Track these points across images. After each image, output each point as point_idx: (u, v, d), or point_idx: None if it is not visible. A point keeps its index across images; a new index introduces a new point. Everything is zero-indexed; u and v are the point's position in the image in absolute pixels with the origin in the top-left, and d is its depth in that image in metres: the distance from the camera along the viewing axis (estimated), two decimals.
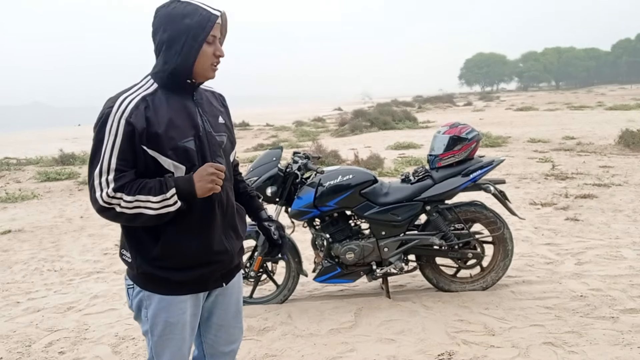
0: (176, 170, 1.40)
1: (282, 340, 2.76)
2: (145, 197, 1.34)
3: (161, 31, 1.40)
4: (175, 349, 1.49)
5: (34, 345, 2.89)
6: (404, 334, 2.76)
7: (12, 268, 4.43)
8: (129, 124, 1.33)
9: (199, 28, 1.38)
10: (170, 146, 1.37)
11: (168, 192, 1.35)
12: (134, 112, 1.34)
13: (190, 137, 1.41)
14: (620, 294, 3.13)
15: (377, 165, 8.36)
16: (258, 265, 3.22)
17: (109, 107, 1.35)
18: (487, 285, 3.33)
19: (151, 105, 1.37)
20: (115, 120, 1.33)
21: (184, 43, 1.38)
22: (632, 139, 9.60)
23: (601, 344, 2.54)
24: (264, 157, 3.26)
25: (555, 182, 6.83)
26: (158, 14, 1.41)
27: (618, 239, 4.24)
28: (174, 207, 1.37)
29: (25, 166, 12.16)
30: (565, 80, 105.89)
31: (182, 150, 1.39)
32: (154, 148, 1.36)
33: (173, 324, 1.46)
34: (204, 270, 1.48)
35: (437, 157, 3.27)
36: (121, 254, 1.51)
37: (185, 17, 1.38)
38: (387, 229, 3.20)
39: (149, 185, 1.35)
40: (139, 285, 1.47)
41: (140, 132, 1.34)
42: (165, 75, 1.41)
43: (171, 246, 1.41)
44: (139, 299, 1.48)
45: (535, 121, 17.26)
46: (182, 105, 1.43)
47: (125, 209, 1.34)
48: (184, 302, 1.47)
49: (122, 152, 1.33)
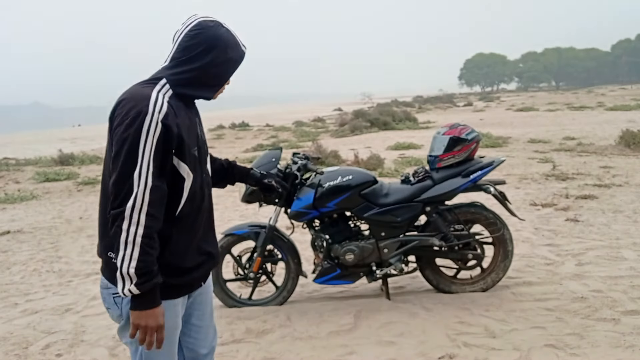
0: (187, 177, 1.43)
1: (281, 342, 2.75)
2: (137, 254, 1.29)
3: (202, 50, 1.41)
4: (166, 353, 1.49)
5: (31, 348, 2.88)
6: (404, 336, 2.74)
7: (11, 269, 4.41)
8: (165, 126, 1.33)
9: (234, 64, 1.49)
10: (188, 153, 1.42)
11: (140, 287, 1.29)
12: (169, 115, 1.35)
13: (196, 146, 1.47)
14: (621, 296, 3.11)
15: (377, 166, 8.34)
16: (257, 267, 3.20)
17: (144, 104, 1.32)
18: (487, 287, 3.31)
19: (175, 110, 1.39)
20: (153, 120, 1.32)
21: (220, 73, 1.46)
22: (632, 139, 9.59)
23: (603, 346, 2.52)
24: (264, 157, 3.24)
25: (556, 182, 6.82)
26: (206, 33, 1.42)
27: (618, 240, 4.22)
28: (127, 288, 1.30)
29: (24, 167, 12.16)
30: (565, 80, 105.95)
31: (193, 158, 1.44)
32: (178, 155, 1.39)
33: (167, 328, 1.44)
34: (197, 273, 1.52)
35: (437, 158, 3.25)
36: (110, 257, 1.42)
37: (229, 49, 1.44)
38: (387, 230, 3.19)
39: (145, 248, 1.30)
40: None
41: (174, 136, 1.35)
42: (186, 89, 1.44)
43: (180, 251, 1.45)
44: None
45: (535, 121, 17.26)
46: (189, 115, 1.48)
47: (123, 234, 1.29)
48: (177, 305, 1.49)
49: (156, 155, 1.32)
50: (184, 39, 1.43)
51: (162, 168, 1.35)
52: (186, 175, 1.42)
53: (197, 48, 1.41)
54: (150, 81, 1.42)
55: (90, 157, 12.99)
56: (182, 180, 1.42)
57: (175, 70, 1.43)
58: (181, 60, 1.43)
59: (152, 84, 1.41)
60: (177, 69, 1.43)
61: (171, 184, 1.39)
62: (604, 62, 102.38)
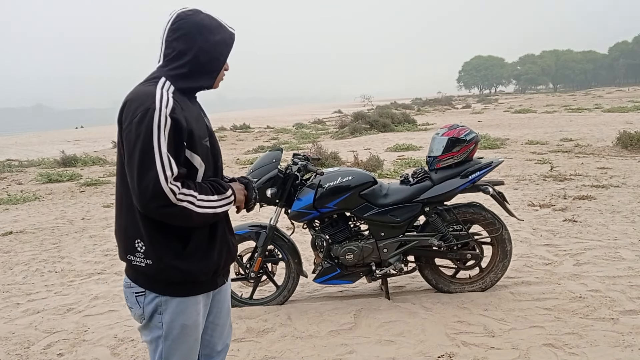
0: (200, 168, 1.46)
1: (282, 341, 2.76)
2: (206, 197, 1.41)
3: (190, 41, 1.43)
4: (187, 351, 1.50)
5: (33, 347, 2.89)
6: (403, 335, 2.76)
7: (13, 269, 4.42)
8: (174, 119, 1.36)
9: (225, 46, 1.48)
10: (200, 143, 1.44)
11: (227, 192, 1.46)
12: (176, 109, 1.37)
13: (206, 137, 1.49)
14: (620, 295, 3.14)
15: (377, 167, 8.37)
16: (258, 266, 3.22)
17: (151, 101, 1.34)
18: (486, 286, 3.33)
19: (182, 105, 1.42)
20: (162, 115, 1.33)
21: (213, 58, 1.46)
22: (629, 141, 9.64)
23: (601, 346, 2.54)
24: (264, 158, 3.26)
25: (554, 183, 6.85)
26: (185, 21, 1.44)
27: (616, 240, 4.25)
28: (229, 206, 1.47)
29: (27, 168, 12.16)
30: (562, 82, 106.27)
31: (205, 149, 1.47)
32: (190, 147, 1.41)
33: (189, 326, 1.47)
34: (219, 268, 1.53)
35: (436, 159, 3.27)
36: (128, 260, 1.44)
37: (214, 32, 1.45)
38: (387, 230, 3.21)
39: (203, 186, 1.42)
40: (157, 290, 1.44)
41: (183, 129, 1.37)
42: (186, 83, 1.45)
43: (204, 246, 1.46)
44: (154, 305, 1.45)
45: (533, 123, 17.30)
46: (195, 108, 1.51)
47: (193, 207, 1.36)
48: (198, 303, 1.50)
49: (171, 147, 1.35)
50: (168, 35, 1.45)
51: (177, 161, 1.36)
52: (198, 165, 1.45)
53: (182, 40, 1.43)
54: (150, 80, 1.44)
55: (92, 158, 13.01)
56: (195, 171, 1.44)
57: (169, 66, 1.45)
58: (172, 56, 1.45)
59: (154, 82, 1.42)
60: (170, 65, 1.45)
61: (187, 177, 1.41)
62: (601, 65, 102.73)
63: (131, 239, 1.42)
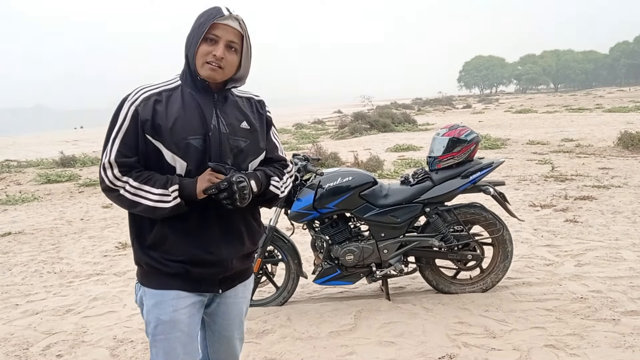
0: (176, 164, 1.43)
1: (282, 343, 2.75)
2: (148, 188, 1.41)
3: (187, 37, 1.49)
4: (168, 349, 1.46)
5: (32, 349, 2.88)
6: (404, 336, 2.75)
7: (12, 270, 4.41)
8: (136, 111, 1.41)
9: (201, 26, 1.44)
10: (175, 140, 1.41)
11: (170, 188, 1.41)
12: (143, 103, 1.42)
13: (199, 135, 1.43)
14: (621, 296, 3.12)
15: (377, 167, 8.36)
16: (258, 267, 3.21)
17: (127, 95, 1.45)
18: (487, 287, 3.32)
19: (164, 99, 1.44)
20: (126, 107, 1.42)
21: (192, 40, 1.45)
22: (630, 141, 9.63)
23: (603, 347, 2.53)
24: None
25: (555, 183, 6.83)
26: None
27: (618, 241, 4.24)
28: (170, 204, 1.41)
29: (26, 168, 12.15)
30: (563, 82, 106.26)
31: (184, 145, 1.42)
32: (158, 139, 1.41)
33: (164, 321, 1.45)
34: (196, 270, 1.47)
35: (437, 159, 3.26)
36: (132, 245, 1.54)
37: (201, 17, 1.45)
38: (387, 230, 3.20)
39: (155, 178, 1.42)
40: (138, 279, 1.52)
41: (143, 121, 1.40)
42: (186, 72, 1.49)
43: (163, 234, 1.45)
44: (140, 294, 1.52)
45: (534, 123, 17.29)
46: (197, 104, 1.46)
47: (127, 194, 1.40)
48: (175, 299, 1.46)
49: (126, 137, 1.40)
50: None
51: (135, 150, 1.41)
52: (173, 162, 1.42)
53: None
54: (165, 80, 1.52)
55: (91, 159, 12.99)
56: (171, 167, 1.43)
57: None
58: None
59: (162, 81, 1.49)
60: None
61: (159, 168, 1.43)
62: (602, 65, 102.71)
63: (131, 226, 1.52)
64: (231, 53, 1.45)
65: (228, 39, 1.43)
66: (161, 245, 1.45)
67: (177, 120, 1.42)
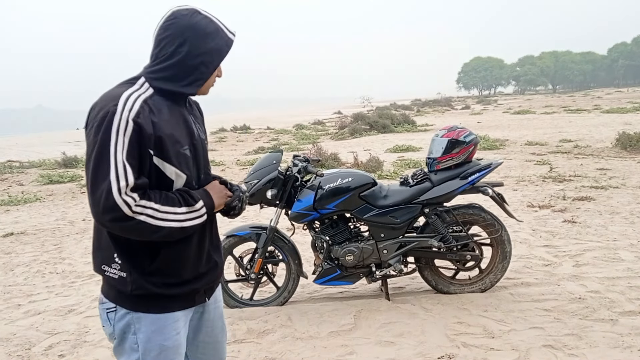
0: (177, 179, 1.34)
1: (282, 342, 2.77)
2: (170, 208, 1.28)
3: (178, 43, 1.32)
4: None
5: (34, 349, 2.89)
6: (403, 336, 2.77)
7: (14, 270, 4.43)
8: (137, 124, 1.24)
9: (218, 54, 1.36)
10: (174, 152, 1.32)
11: (197, 204, 1.33)
12: (141, 113, 1.26)
13: (187, 145, 1.37)
14: (619, 296, 3.15)
15: (376, 168, 8.38)
16: (258, 267, 3.23)
17: (113, 104, 1.24)
18: (485, 287, 3.34)
19: (154, 109, 1.30)
20: (122, 119, 1.23)
21: (200, 65, 1.35)
22: (628, 142, 9.66)
23: (601, 347, 2.55)
24: (264, 160, 3.28)
25: (553, 184, 6.86)
26: (178, 21, 1.32)
27: (616, 241, 4.26)
28: (200, 220, 1.34)
29: (28, 169, 12.15)
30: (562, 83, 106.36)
31: (183, 158, 1.34)
32: (159, 155, 1.29)
33: (169, 347, 1.35)
34: (196, 285, 1.42)
35: (436, 160, 3.28)
36: (102, 270, 1.34)
37: (208, 37, 1.34)
38: (386, 231, 3.22)
39: (170, 197, 1.30)
40: (127, 306, 1.33)
41: (148, 135, 1.25)
42: (166, 85, 1.34)
43: (171, 258, 1.34)
44: (125, 323, 1.33)
45: (532, 124, 17.33)
46: (179, 112, 1.38)
47: (150, 219, 1.25)
48: (177, 321, 1.38)
49: (131, 155, 1.23)
50: (159, 32, 1.34)
51: (140, 170, 1.25)
52: (174, 176, 1.33)
53: (172, 40, 1.32)
54: (128, 81, 1.34)
55: None
56: (170, 182, 1.33)
57: (154, 67, 1.35)
58: (158, 56, 1.34)
59: (130, 84, 1.33)
60: (155, 66, 1.34)
61: (156, 186, 1.30)
62: (600, 66, 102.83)
63: (111, 249, 1.32)
64: None
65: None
66: (168, 268, 1.34)
67: (172, 131, 1.32)
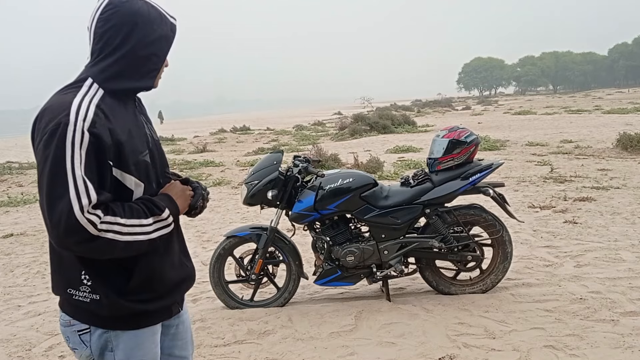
0: (137, 188, 1.24)
1: (283, 343, 2.77)
2: (136, 220, 1.17)
3: (124, 34, 1.20)
4: None
5: (34, 349, 2.89)
6: (404, 337, 2.76)
7: (14, 271, 4.43)
8: (94, 135, 1.12)
9: (166, 41, 1.26)
10: (134, 161, 1.21)
11: (163, 213, 1.22)
12: (97, 122, 1.13)
13: (146, 150, 1.27)
14: (620, 297, 3.14)
15: (377, 169, 8.37)
16: (259, 268, 3.23)
17: (64, 114, 1.11)
18: (486, 288, 3.33)
19: (109, 114, 1.18)
20: (77, 130, 1.10)
21: (152, 55, 1.24)
22: (629, 142, 9.64)
23: (602, 347, 2.55)
24: (265, 160, 3.28)
25: (554, 185, 6.85)
26: (120, 11, 1.19)
27: (617, 242, 4.25)
28: (168, 229, 1.24)
29: (27, 170, 12.14)
30: (562, 84, 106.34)
31: (142, 165, 1.25)
32: (118, 165, 1.18)
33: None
34: (175, 295, 1.36)
35: (437, 161, 3.28)
36: (68, 294, 1.23)
37: (154, 24, 1.23)
38: (387, 232, 3.21)
39: (135, 208, 1.19)
40: (103, 325, 1.25)
41: (107, 145, 1.14)
42: (118, 84, 1.22)
43: (147, 273, 1.26)
44: (103, 342, 1.25)
45: (533, 125, 17.31)
46: (132, 115, 1.27)
47: (119, 236, 1.14)
48: (155, 334, 1.33)
49: (90, 169, 1.12)
50: (98, 25, 1.20)
51: (101, 185, 1.14)
52: (134, 186, 1.23)
53: (116, 32, 1.19)
54: (73, 85, 1.21)
55: None
56: (128, 193, 1.22)
57: (100, 65, 1.21)
58: (103, 50, 1.21)
59: (76, 87, 1.19)
60: (101, 63, 1.21)
61: (116, 200, 1.19)
62: (601, 66, 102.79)
63: (76, 270, 1.21)
64: None
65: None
66: (146, 283, 1.26)
67: (129, 138, 1.20)
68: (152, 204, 1.23)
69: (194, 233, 5.31)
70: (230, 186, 8.22)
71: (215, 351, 2.72)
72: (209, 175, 9.29)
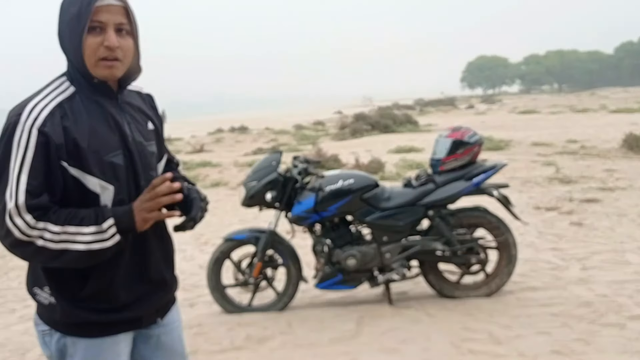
0: (103, 192, 1.17)
1: (282, 350, 2.71)
2: (75, 229, 1.11)
3: (59, 21, 1.18)
4: None
5: (29, 354, 2.85)
6: (407, 342, 2.71)
7: (8, 274, 4.40)
8: (43, 134, 1.10)
9: (78, 16, 1.14)
10: (95, 162, 1.15)
11: (104, 223, 1.13)
12: (49, 121, 1.11)
13: (118, 150, 1.20)
14: (627, 300, 3.08)
15: (378, 170, 8.32)
16: (257, 272, 3.18)
17: (17, 114, 1.11)
18: (491, 292, 3.27)
19: (69, 112, 1.14)
20: (25, 130, 1.09)
21: (70, 36, 1.16)
22: (636, 143, 9.55)
23: (609, 352, 2.49)
24: (263, 161, 3.24)
25: (559, 186, 6.78)
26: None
27: (623, 244, 4.19)
28: (109, 242, 1.14)
29: None
30: (567, 83, 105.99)
31: (108, 167, 1.17)
32: (77, 165, 1.13)
33: None
34: (139, 309, 1.27)
35: (440, 161, 3.24)
36: (33, 292, 1.23)
37: (71, 5, 1.16)
38: (389, 234, 3.16)
39: (80, 215, 1.13)
40: (60, 330, 1.21)
41: (58, 145, 1.10)
42: (74, 75, 1.19)
43: (106, 283, 1.19)
44: (61, 346, 1.22)
45: (537, 124, 17.23)
46: (106, 112, 1.21)
47: (50, 243, 1.10)
48: (117, 344, 1.24)
49: (34, 170, 1.09)
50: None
51: (47, 187, 1.11)
52: (99, 189, 1.16)
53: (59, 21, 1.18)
54: (51, 81, 1.21)
55: None
56: (95, 197, 1.17)
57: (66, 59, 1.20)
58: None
59: (48, 85, 1.20)
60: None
61: (79, 202, 1.15)
62: (606, 65, 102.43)
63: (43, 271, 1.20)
64: (124, 37, 1.18)
65: (116, 21, 1.16)
66: (102, 293, 1.19)
67: (91, 137, 1.15)
68: (99, 214, 1.15)
69: (191, 235, 5.26)
70: (229, 187, 8.18)
71: (213, 358, 2.67)
72: (207, 176, 9.25)
